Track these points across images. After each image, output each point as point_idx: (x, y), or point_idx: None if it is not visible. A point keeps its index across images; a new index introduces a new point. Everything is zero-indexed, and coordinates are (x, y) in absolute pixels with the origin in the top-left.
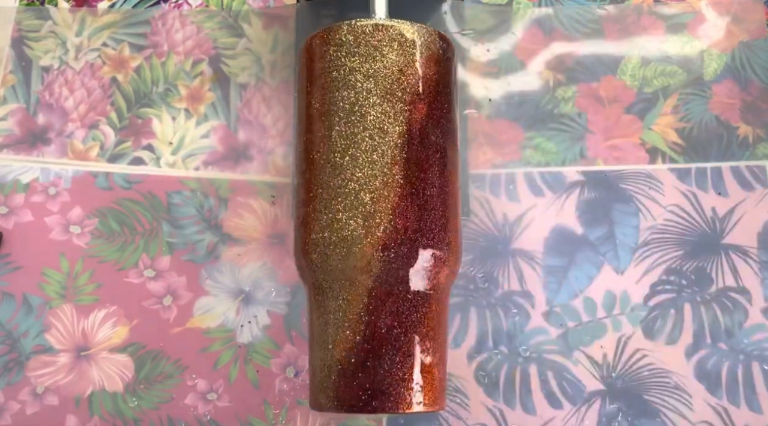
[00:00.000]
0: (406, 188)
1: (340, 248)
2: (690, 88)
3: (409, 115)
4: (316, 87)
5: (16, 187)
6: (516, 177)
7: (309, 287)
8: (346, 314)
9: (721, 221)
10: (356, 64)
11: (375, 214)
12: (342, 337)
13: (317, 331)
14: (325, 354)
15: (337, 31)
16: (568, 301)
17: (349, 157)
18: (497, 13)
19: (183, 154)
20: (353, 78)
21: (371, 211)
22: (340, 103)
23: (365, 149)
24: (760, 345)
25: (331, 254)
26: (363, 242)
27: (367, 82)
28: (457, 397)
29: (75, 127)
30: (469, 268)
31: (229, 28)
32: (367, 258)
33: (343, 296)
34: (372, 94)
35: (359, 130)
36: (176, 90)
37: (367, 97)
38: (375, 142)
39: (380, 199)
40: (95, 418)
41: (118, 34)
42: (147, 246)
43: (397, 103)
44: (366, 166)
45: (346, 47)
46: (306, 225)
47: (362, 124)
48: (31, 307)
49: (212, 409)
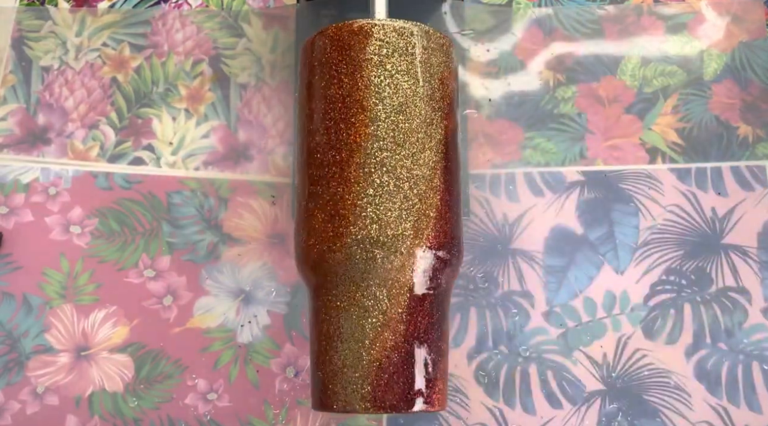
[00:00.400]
0: (443, 191)
1: (388, 246)
2: (690, 88)
3: (445, 121)
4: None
5: (16, 187)
6: (516, 177)
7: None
8: (383, 314)
9: (721, 221)
10: (402, 65)
11: (422, 215)
12: (353, 338)
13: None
14: (333, 354)
15: (380, 27)
16: (568, 301)
17: (399, 156)
18: (497, 13)
19: (183, 154)
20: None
21: (419, 212)
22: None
23: (413, 150)
24: (760, 345)
25: (377, 252)
26: (412, 242)
27: (412, 85)
28: (457, 397)
29: (75, 127)
30: (469, 268)
31: (229, 28)
32: (412, 258)
33: (379, 295)
34: (417, 96)
35: (407, 130)
36: (176, 90)
37: (413, 99)
38: (422, 144)
39: (426, 198)
40: (95, 418)
41: (118, 34)
42: (147, 246)
43: (436, 109)
44: (415, 167)
45: (389, 46)
46: (340, 220)
47: (409, 125)
48: (31, 307)
49: (212, 409)
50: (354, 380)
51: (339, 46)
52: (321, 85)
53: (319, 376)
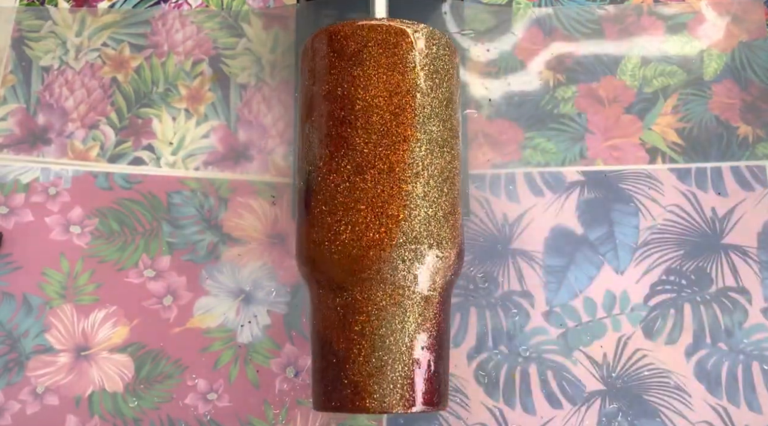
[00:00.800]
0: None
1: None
2: (690, 88)
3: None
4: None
5: (16, 187)
6: (516, 177)
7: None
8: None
9: (721, 221)
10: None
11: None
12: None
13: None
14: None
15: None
16: (568, 301)
17: (435, 158)
18: (497, 13)
19: (183, 154)
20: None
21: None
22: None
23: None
24: (760, 345)
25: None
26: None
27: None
28: (457, 397)
29: (75, 127)
30: (469, 268)
31: (229, 28)
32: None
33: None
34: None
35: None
36: (176, 90)
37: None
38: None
39: (448, 200)
40: (95, 418)
41: (118, 34)
42: (147, 246)
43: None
44: (444, 167)
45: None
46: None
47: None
48: (31, 307)
49: (212, 409)
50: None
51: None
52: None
53: (347, 376)
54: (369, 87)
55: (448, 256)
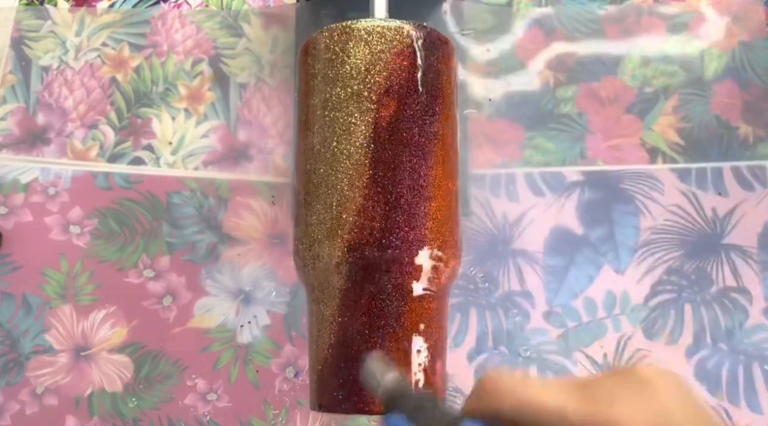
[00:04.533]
0: (409, 191)
1: (348, 249)
2: (690, 88)
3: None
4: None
5: (16, 187)
6: (516, 177)
7: (312, 287)
8: (355, 314)
9: (722, 221)
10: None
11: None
12: (348, 337)
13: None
14: (327, 355)
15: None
16: (568, 302)
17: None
18: (497, 13)
19: (183, 154)
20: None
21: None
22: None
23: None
24: (761, 345)
25: (340, 254)
26: (370, 242)
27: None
28: (457, 397)
29: (75, 127)
30: (469, 268)
31: (229, 28)
32: (374, 258)
33: (349, 296)
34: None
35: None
36: (176, 90)
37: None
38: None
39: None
40: (95, 418)
41: (118, 34)
42: (147, 246)
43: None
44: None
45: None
46: (311, 223)
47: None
48: (30, 307)
49: (212, 410)
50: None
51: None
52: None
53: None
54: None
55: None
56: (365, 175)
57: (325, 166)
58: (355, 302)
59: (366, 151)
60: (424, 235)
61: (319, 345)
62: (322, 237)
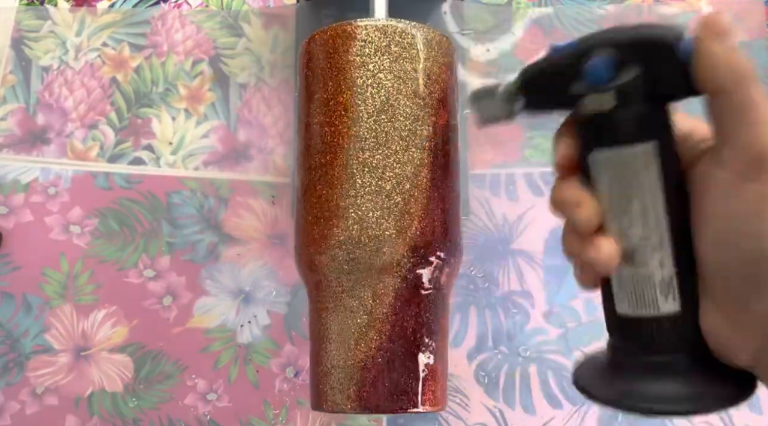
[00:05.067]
0: (431, 190)
1: (369, 247)
2: None
3: (434, 118)
4: (338, 83)
5: (16, 187)
6: (516, 177)
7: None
8: (368, 314)
9: None
10: (385, 63)
11: (405, 214)
12: (340, 338)
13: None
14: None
15: (363, 28)
16: (568, 301)
17: (380, 156)
18: (497, 13)
19: (183, 154)
20: (382, 77)
21: (402, 212)
22: (369, 102)
23: (396, 149)
24: None
25: (359, 253)
26: (395, 242)
27: (396, 83)
28: (457, 397)
29: (75, 127)
30: (469, 268)
31: (229, 27)
32: (396, 258)
33: (364, 296)
34: (401, 94)
35: (390, 130)
36: (176, 90)
37: (396, 98)
38: (406, 142)
39: (410, 200)
40: (95, 418)
41: (118, 34)
42: (147, 246)
43: (424, 106)
44: (397, 166)
45: (373, 45)
46: (325, 222)
47: (392, 124)
48: (30, 307)
49: (212, 410)
50: (342, 381)
51: (325, 49)
52: (311, 89)
53: (312, 376)
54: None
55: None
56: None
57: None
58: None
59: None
60: (416, 234)
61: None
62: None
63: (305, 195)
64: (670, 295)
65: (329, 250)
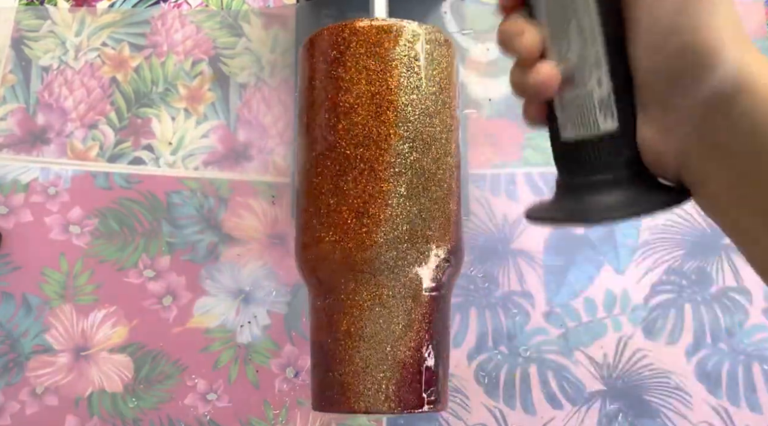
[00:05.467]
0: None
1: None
2: None
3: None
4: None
5: (16, 187)
6: (516, 177)
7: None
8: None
9: None
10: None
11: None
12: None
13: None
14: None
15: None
16: (568, 301)
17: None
18: (497, 13)
19: (183, 154)
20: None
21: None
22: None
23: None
24: (761, 345)
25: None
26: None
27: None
28: (457, 397)
29: (74, 127)
30: (469, 268)
31: (229, 27)
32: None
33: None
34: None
35: (432, 132)
36: (176, 90)
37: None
38: (444, 142)
39: (447, 200)
40: (95, 418)
41: (118, 34)
42: (147, 246)
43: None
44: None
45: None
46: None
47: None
48: (30, 307)
49: (212, 410)
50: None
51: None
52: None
53: (335, 376)
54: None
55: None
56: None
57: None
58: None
59: (405, 152)
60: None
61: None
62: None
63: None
64: (608, 114)
65: (375, 248)
